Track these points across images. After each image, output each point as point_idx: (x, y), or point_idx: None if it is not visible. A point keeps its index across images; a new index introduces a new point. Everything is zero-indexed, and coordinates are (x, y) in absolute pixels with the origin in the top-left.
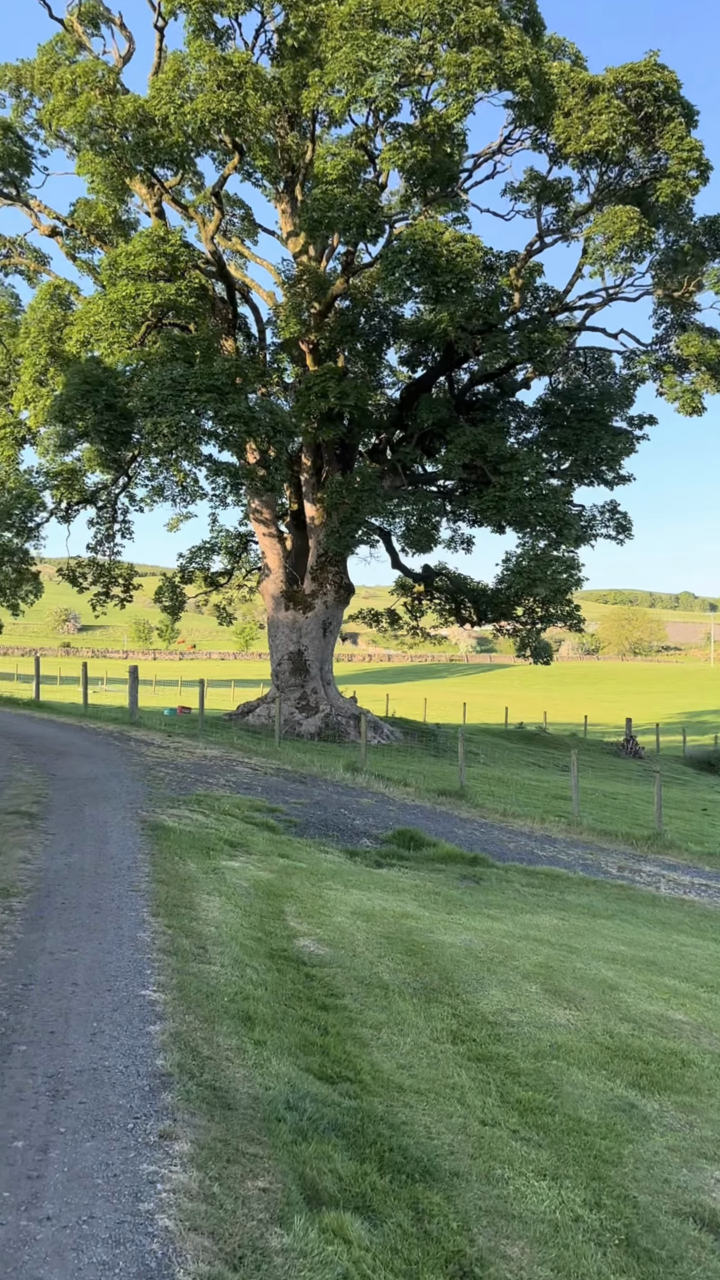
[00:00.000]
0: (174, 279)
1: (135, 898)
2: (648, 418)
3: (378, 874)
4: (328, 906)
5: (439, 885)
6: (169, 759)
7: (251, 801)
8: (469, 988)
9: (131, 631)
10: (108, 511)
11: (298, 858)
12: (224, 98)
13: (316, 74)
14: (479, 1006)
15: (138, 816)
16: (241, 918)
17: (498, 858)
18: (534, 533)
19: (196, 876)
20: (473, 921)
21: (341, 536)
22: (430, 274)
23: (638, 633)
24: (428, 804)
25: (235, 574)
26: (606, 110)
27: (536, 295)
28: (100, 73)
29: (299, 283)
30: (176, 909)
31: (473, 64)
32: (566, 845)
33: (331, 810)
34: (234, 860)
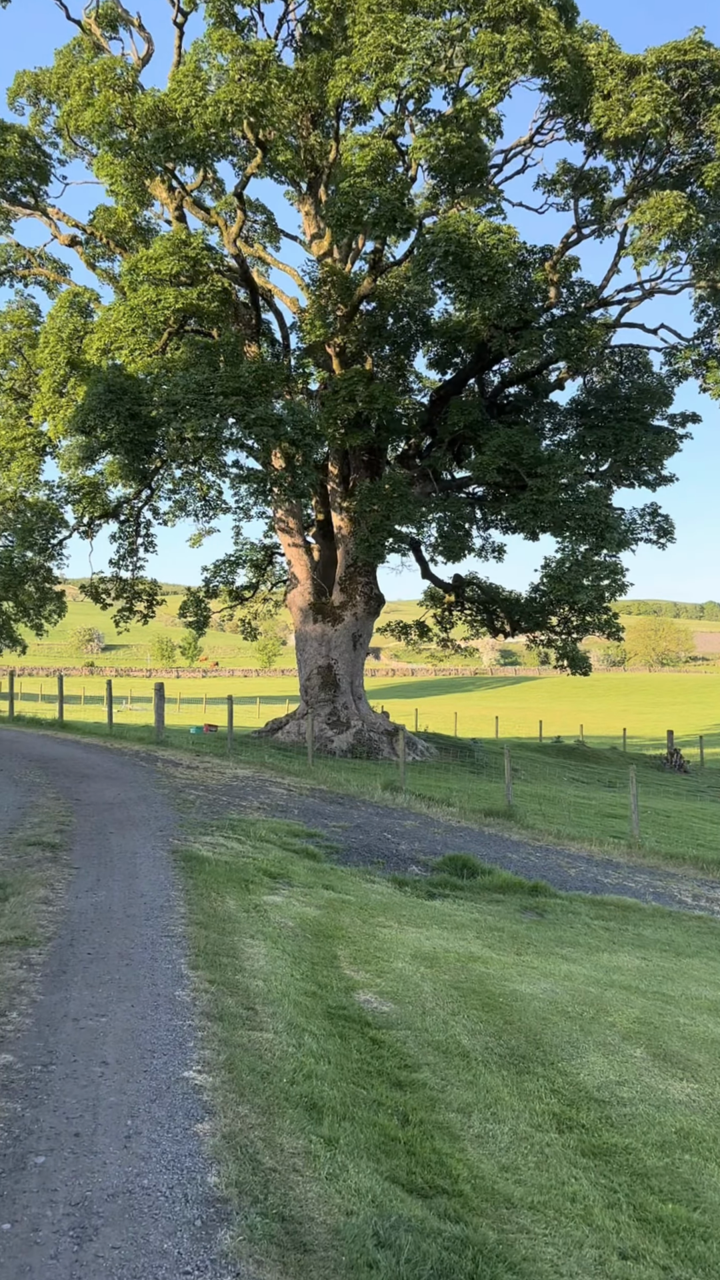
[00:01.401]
0: (196, 283)
1: (170, 945)
2: (690, 415)
3: (431, 906)
4: (384, 949)
5: (500, 919)
6: (198, 780)
7: (289, 826)
8: (563, 1053)
9: (154, 649)
10: (130, 525)
11: (343, 889)
12: (247, 87)
13: (344, 61)
14: (580, 1079)
15: (169, 845)
16: (291, 966)
17: (559, 886)
18: (574, 537)
19: (237, 916)
20: (547, 964)
21: (371, 545)
22: (464, 268)
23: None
24: (474, 825)
25: (260, 588)
26: (649, 91)
27: (573, 291)
28: (119, 70)
29: (324, 285)
30: (217, 958)
31: (508, 44)
32: (631, 871)
33: (374, 834)
34: (275, 894)
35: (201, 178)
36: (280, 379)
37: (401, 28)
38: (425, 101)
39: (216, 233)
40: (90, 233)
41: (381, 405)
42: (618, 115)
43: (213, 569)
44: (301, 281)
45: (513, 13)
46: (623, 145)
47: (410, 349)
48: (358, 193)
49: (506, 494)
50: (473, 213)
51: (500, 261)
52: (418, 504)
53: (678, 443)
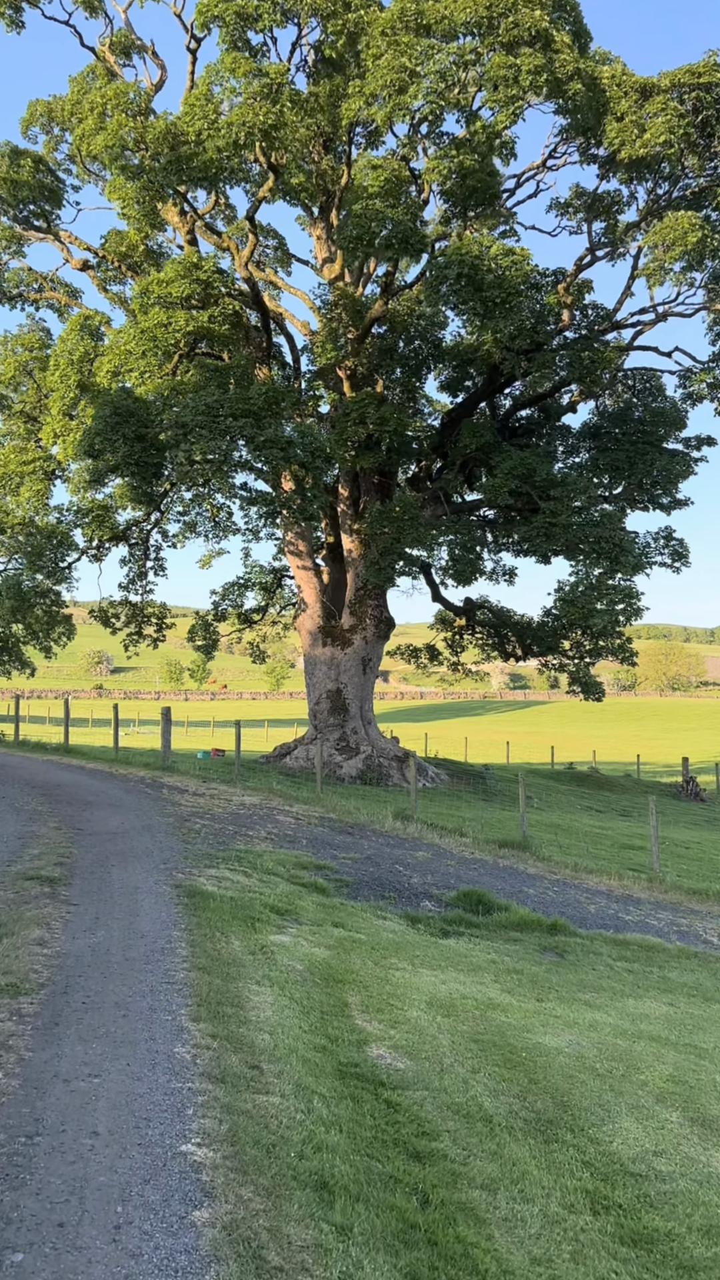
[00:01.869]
0: (207, 306)
1: (171, 993)
2: (706, 438)
3: (446, 946)
4: (398, 995)
5: (519, 960)
6: (204, 808)
7: (296, 857)
8: (593, 1117)
9: (163, 672)
10: (140, 548)
11: (354, 926)
12: (260, 110)
13: (357, 84)
14: (613, 1148)
15: (172, 879)
16: (299, 1017)
17: (579, 923)
18: (588, 561)
19: (242, 959)
20: (570, 1012)
21: (382, 568)
22: (477, 290)
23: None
24: (488, 857)
25: (269, 610)
26: (663, 113)
27: (586, 313)
28: (131, 95)
29: (336, 307)
30: (220, 1008)
31: (523, 67)
32: (652, 907)
33: (385, 866)
34: (283, 933)
35: (213, 202)
36: (291, 402)
37: (415, 51)
38: (439, 124)
39: (228, 257)
40: (102, 256)
41: (393, 427)
42: (631, 137)
43: (221, 592)
44: (312, 305)
45: (527, 36)
46: (636, 168)
47: (421, 372)
48: (371, 215)
49: (518, 517)
50: (486, 235)
51: (514, 284)
52: (429, 526)
53: (692, 466)
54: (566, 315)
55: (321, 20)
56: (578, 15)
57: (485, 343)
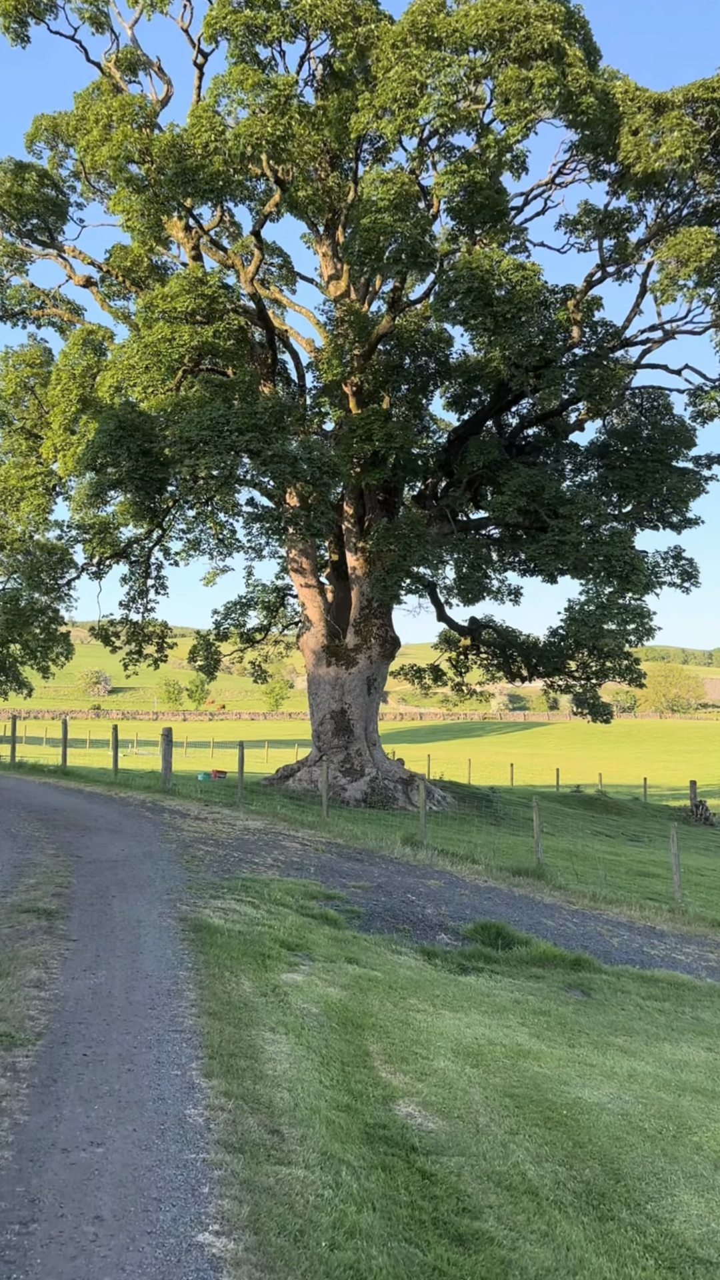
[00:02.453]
0: (212, 321)
1: (179, 1043)
2: (716, 457)
3: (466, 983)
4: (421, 1041)
5: (544, 1000)
6: (208, 833)
7: (305, 886)
8: (648, 1189)
9: (162, 693)
10: (141, 566)
11: (369, 962)
12: (268, 122)
13: (366, 97)
14: (674, 1228)
15: (176, 912)
16: (319, 1069)
17: (603, 958)
18: (599, 580)
19: (254, 1002)
20: (606, 1060)
21: (388, 585)
22: (486, 304)
23: (675, 689)
24: (503, 886)
25: (272, 630)
26: (678, 128)
27: (596, 330)
28: (137, 107)
29: (342, 324)
30: (234, 1060)
31: (535, 80)
32: (677, 941)
33: (397, 896)
34: (295, 972)
35: (218, 218)
36: (296, 417)
37: (426, 64)
38: (449, 137)
39: (233, 274)
40: (106, 271)
41: (399, 444)
42: (646, 151)
43: (224, 611)
44: (317, 322)
45: (539, 49)
46: (647, 185)
47: (428, 389)
48: (379, 228)
49: (524, 535)
50: (496, 250)
51: (524, 299)
52: (436, 544)
53: (703, 485)
54: (576, 332)
55: (331, 33)
56: (588, 32)
57: (493, 359)
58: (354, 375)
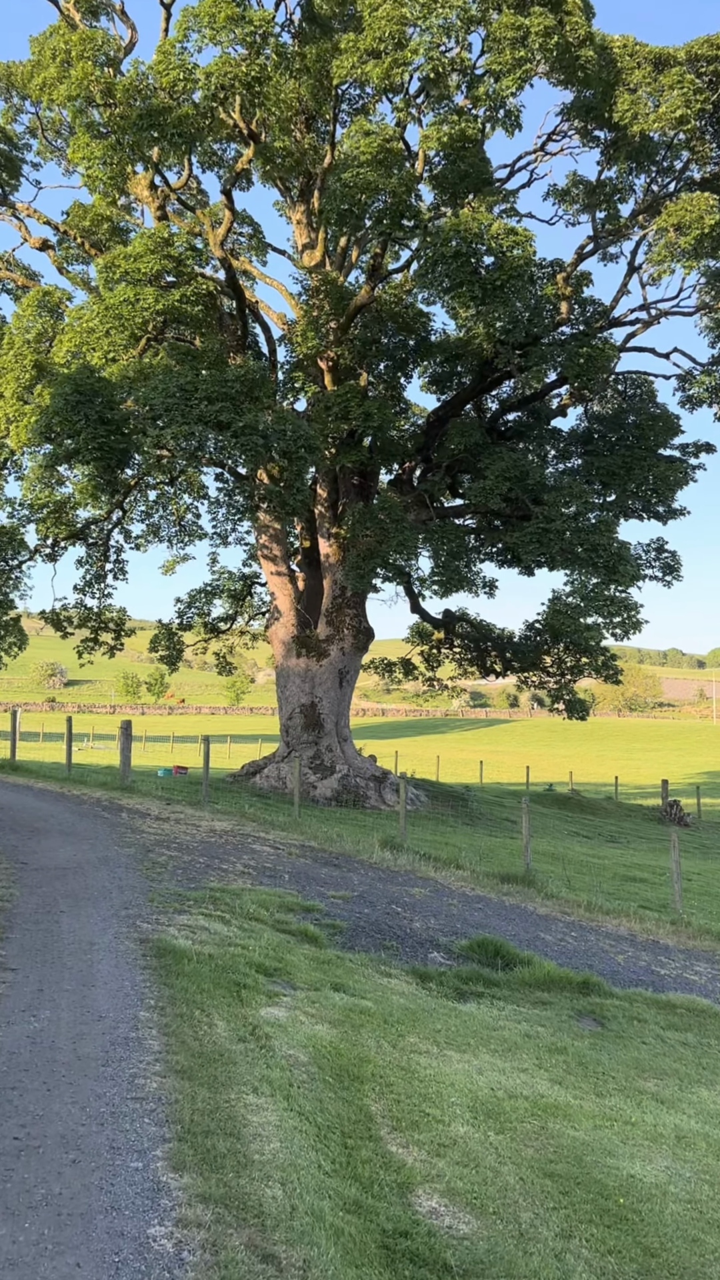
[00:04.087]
0: (179, 285)
1: (140, 1115)
2: (704, 445)
3: (467, 1013)
4: (430, 1096)
5: (556, 1032)
6: (170, 835)
7: (280, 897)
8: None
9: (119, 686)
10: (99, 549)
11: (357, 988)
12: (241, 61)
13: (350, 39)
14: None
15: (136, 931)
16: (315, 1145)
17: (611, 979)
18: (585, 570)
19: (230, 1051)
20: (643, 1114)
21: (363, 573)
22: (474, 272)
23: (633, 688)
24: (492, 895)
25: (238, 620)
26: (679, 85)
27: (585, 308)
28: (99, 41)
29: (318, 294)
30: (210, 1141)
31: (532, 28)
32: (685, 957)
33: (380, 907)
34: (276, 1004)
35: (185, 178)
36: (269, 392)
37: (417, 3)
38: (439, 86)
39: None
40: (64, 232)
41: (377, 423)
42: (645, 110)
43: (187, 599)
44: (289, 294)
45: None
46: (640, 156)
47: (407, 367)
48: (361, 185)
49: (499, 524)
50: (485, 213)
51: (516, 265)
52: (414, 531)
53: (690, 473)
54: (565, 308)
55: None
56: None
57: (477, 336)
58: (330, 349)
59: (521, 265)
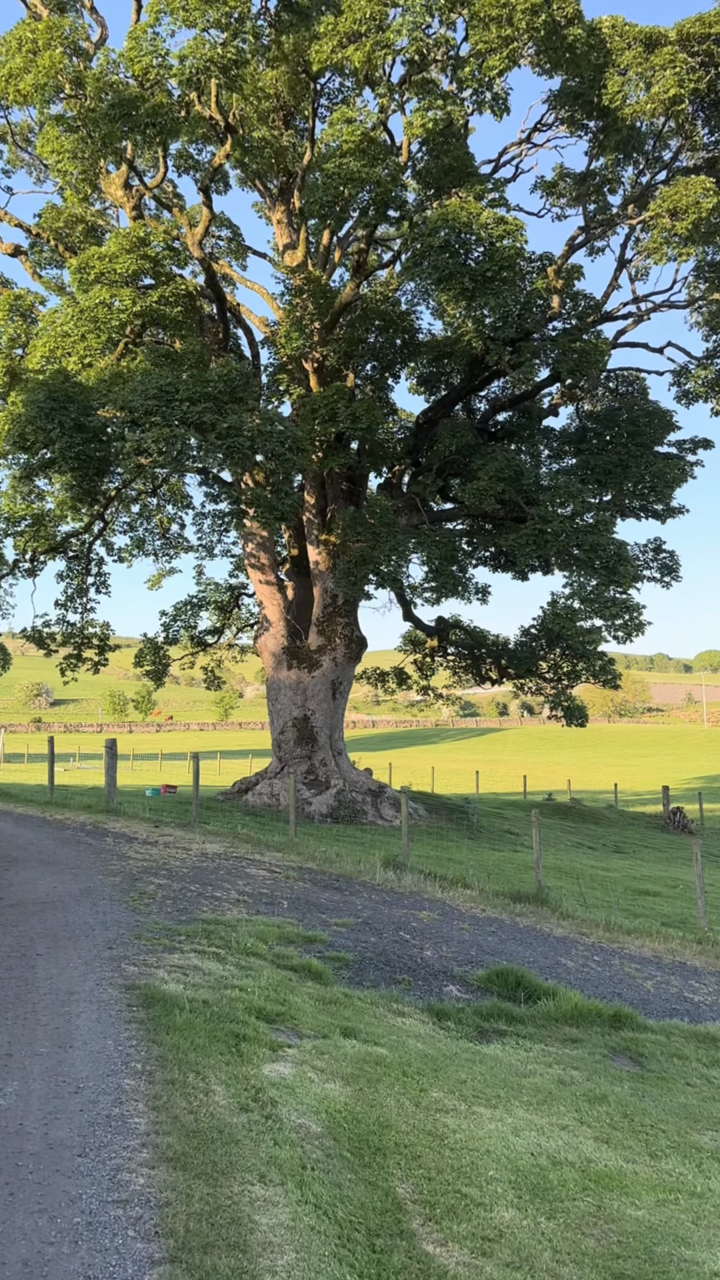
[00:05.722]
0: (157, 286)
1: (123, 1226)
2: (702, 441)
3: (492, 1057)
4: (465, 1170)
5: (592, 1075)
6: (159, 861)
7: (279, 927)
8: None
9: (106, 704)
10: (80, 562)
11: (369, 1033)
12: (217, 45)
13: (330, 21)
14: None
15: (121, 975)
16: (338, 1256)
17: (643, 1009)
18: (584, 572)
19: (231, 1126)
20: (705, 1179)
21: (354, 581)
22: (463, 263)
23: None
24: (504, 916)
25: (225, 633)
26: (671, 64)
27: (577, 302)
28: (67, 30)
29: (300, 294)
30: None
31: (518, 5)
32: (717, 981)
33: (388, 935)
34: (281, 1060)
35: (161, 175)
36: (253, 394)
37: None
38: (424, 69)
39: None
40: (36, 235)
41: (365, 425)
42: (637, 91)
43: (173, 612)
44: (270, 296)
45: None
46: (629, 142)
47: (394, 367)
48: (345, 175)
49: (493, 527)
50: (474, 203)
51: (506, 256)
52: (406, 536)
53: (688, 470)
54: (556, 301)
55: None
56: None
57: (466, 333)
58: (315, 350)
59: (512, 256)
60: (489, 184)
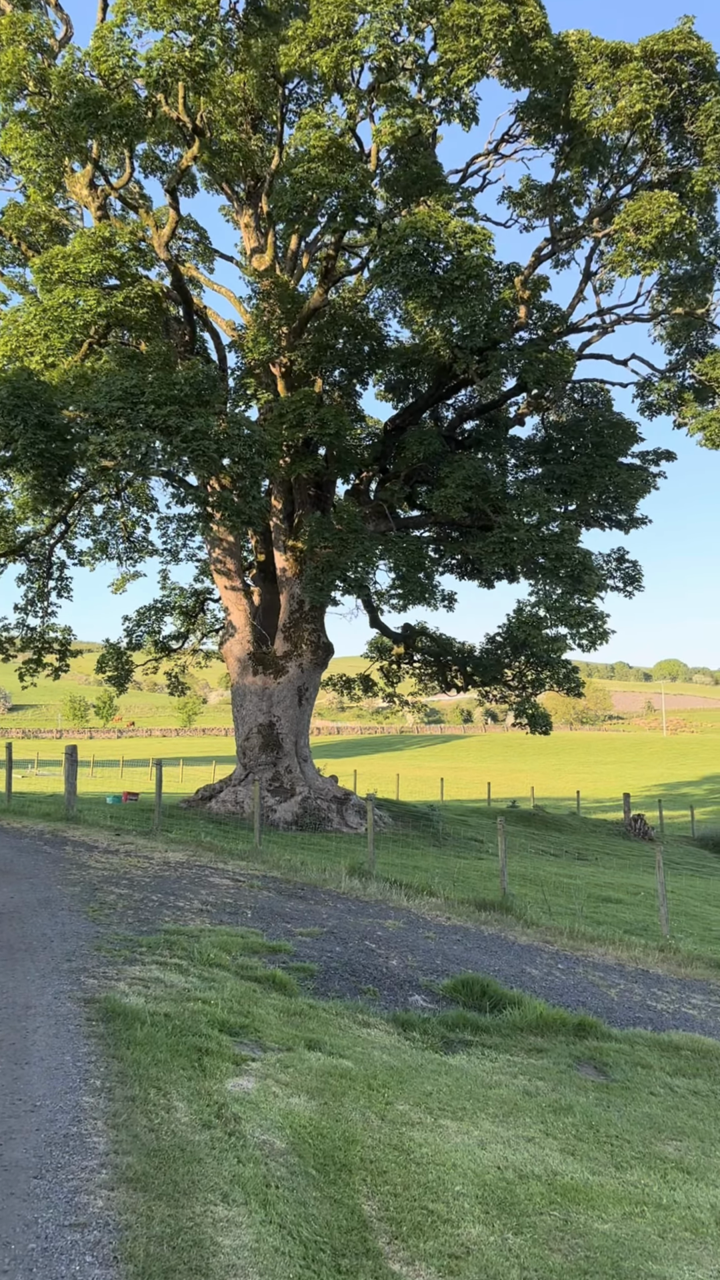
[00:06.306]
0: (122, 287)
1: (80, 1253)
2: (664, 453)
3: (457, 1068)
4: (431, 1185)
5: (557, 1085)
6: (120, 870)
7: (243, 937)
8: None
9: (66, 710)
10: (41, 565)
11: (334, 1045)
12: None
13: (298, 25)
14: None
15: (80, 988)
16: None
17: (607, 1018)
18: (550, 580)
19: (193, 1144)
20: (673, 1192)
21: (321, 586)
22: (430, 272)
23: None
24: (470, 924)
25: (190, 638)
26: (637, 80)
27: (543, 313)
28: (31, 25)
29: (268, 298)
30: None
31: (486, 16)
32: (679, 988)
33: (353, 944)
34: (244, 1074)
35: (128, 175)
36: (220, 398)
37: None
38: (392, 76)
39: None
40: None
41: (333, 430)
42: (604, 103)
43: (136, 617)
44: (237, 300)
45: None
46: (595, 156)
47: (363, 373)
48: (313, 180)
49: (460, 534)
50: (442, 211)
51: (474, 265)
52: (373, 542)
53: (651, 481)
54: (523, 312)
55: None
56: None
57: (434, 341)
58: (283, 354)
59: (480, 265)
60: (457, 193)
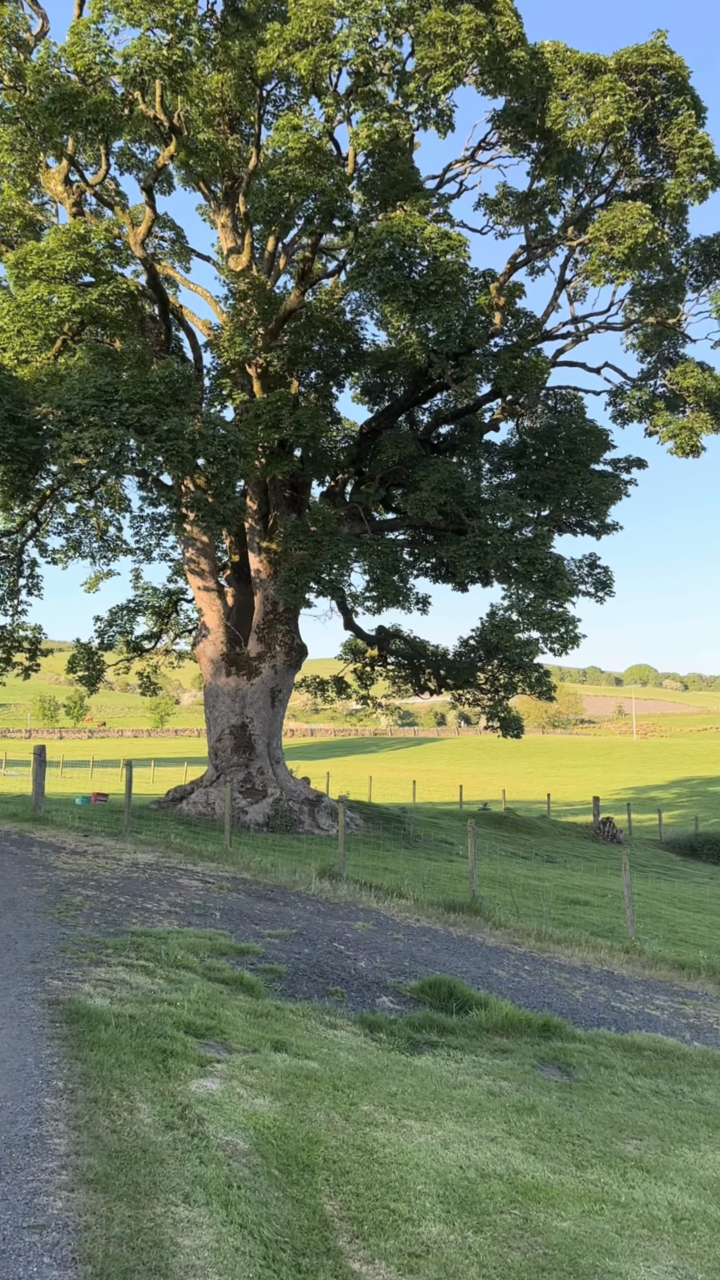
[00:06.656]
0: (97, 284)
1: (39, 1254)
2: (635, 460)
3: (423, 1069)
4: (394, 1185)
5: (521, 1085)
6: (87, 872)
7: (211, 939)
8: None
9: (36, 709)
10: (11, 563)
11: (300, 1046)
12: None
13: (276, 28)
14: None
15: (44, 990)
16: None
17: (571, 1018)
18: (522, 584)
19: (155, 1145)
20: (631, 1189)
21: (296, 588)
22: (407, 277)
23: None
24: (438, 925)
25: (163, 638)
26: (611, 92)
27: (518, 320)
28: (6, 19)
29: (245, 298)
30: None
31: (462, 25)
32: (644, 989)
33: (322, 945)
34: (209, 1075)
35: (104, 172)
36: (195, 397)
37: None
38: (369, 81)
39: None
40: None
41: (309, 432)
42: (579, 114)
43: (108, 617)
44: (214, 300)
45: None
46: (570, 165)
47: (340, 375)
48: (290, 183)
49: (435, 538)
50: (418, 216)
51: (450, 271)
52: (348, 545)
53: (623, 488)
54: (499, 318)
55: None
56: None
57: (410, 345)
58: (259, 355)
59: (455, 271)
60: (434, 199)
